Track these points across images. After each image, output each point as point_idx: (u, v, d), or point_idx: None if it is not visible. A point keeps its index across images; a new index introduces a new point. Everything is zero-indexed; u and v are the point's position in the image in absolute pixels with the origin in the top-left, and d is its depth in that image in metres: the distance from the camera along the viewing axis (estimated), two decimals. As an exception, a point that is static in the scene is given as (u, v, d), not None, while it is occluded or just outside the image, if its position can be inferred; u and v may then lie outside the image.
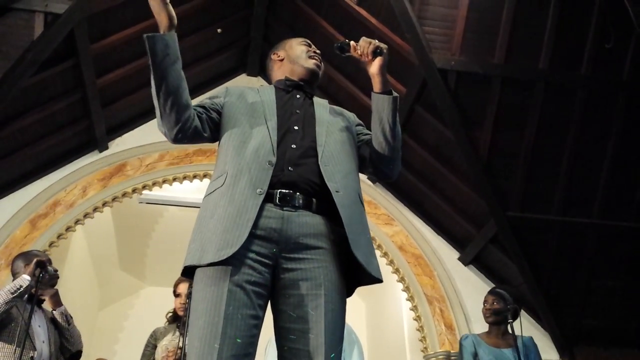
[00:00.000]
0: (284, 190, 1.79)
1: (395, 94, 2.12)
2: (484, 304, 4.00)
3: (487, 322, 3.94)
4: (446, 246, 6.17)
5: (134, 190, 6.00)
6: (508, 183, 5.22)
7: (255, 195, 1.76)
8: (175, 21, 1.87)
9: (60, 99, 5.34)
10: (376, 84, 2.14)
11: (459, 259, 6.10)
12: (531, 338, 3.88)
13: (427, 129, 5.56)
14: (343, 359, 3.67)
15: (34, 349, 3.42)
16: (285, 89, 2.17)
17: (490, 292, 4.05)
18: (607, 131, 5.02)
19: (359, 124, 2.29)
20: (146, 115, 6.30)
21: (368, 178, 6.42)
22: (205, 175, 6.19)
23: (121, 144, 6.15)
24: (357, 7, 5.31)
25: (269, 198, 1.77)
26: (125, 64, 5.61)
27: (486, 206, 5.32)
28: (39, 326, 3.56)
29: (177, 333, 3.68)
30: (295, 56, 2.26)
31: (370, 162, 2.14)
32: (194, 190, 6.62)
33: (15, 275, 3.60)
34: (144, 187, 6.04)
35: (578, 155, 5.08)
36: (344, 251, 1.81)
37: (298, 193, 1.81)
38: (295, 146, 1.91)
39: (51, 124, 5.47)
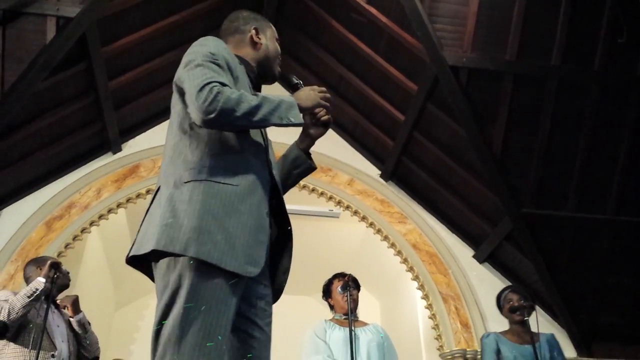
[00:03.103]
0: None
1: (314, 165, 2.14)
2: (507, 303, 3.94)
3: (514, 320, 3.88)
4: (461, 244, 6.15)
5: (147, 192, 6.03)
6: (522, 180, 5.19)
7: (265, 215, 1.77)
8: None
9: (73, 102, 5.38)
10: (306, 144, 2.10)
11: (474, 256, 6.07)
12: (553, 335, 3.86)
13: (439, 127, 5.54)
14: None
15: (55, 348, 3.47)
16: (254, 82, 2.07)
17: (513, 291, 4.00)
18: (621, 127, 4.97)
19: None
20: (158, 116, 6.34)
21: (381, 176, 6.41)
22: (218, 176, 6.20)
23: (134, 146, 6.19)
24: (367, 6, 5.30)
25: None
26: (137, 66, 5.65)
27: (500, 203, 5.29)
28: (57, 326, 3.61)
29: None
30: (272, 54, 2.20)
31: None
32: (206, 191, 6.63)
33: (28, 280, 3.64)
34: (157, 189, 6.07)
35: (592, 151, 5.03)
36: None
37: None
38: (275, 171, 1.94)
39: (64, 127, 5.52)
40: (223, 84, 1.72)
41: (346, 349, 3.54)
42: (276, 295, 1.92)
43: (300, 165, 2.10)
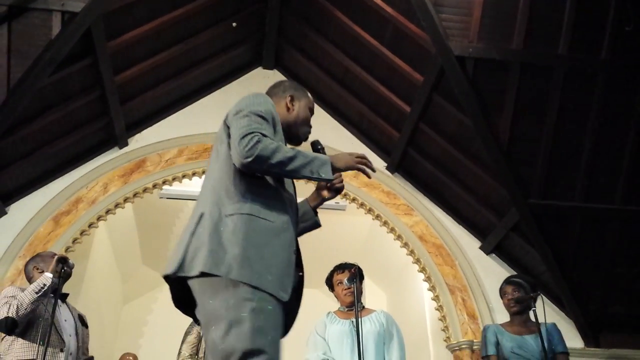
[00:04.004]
0: None
1: (319, 223, 2.40)
2: (503, 296, 3.97)
3: (511, 312, 3.91)
4: (467, 235, 6.14)
5: (154, 186, 6.05)
6: (529, 170, 5.17)
7: (293, 252, 2.03)
8: None
9: (79, 97, 5.39)
10: (316, 203, 2.36)
11: (481, 247, 6.06)
12: (554, 324, 3.86)
13: (445, 118, 5.52)
14: (383, 353, 3.70)
15: (63, 343, 3.48)
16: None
17: (508, 282, 4.01)
18: (629, 115, 4.94)
19: None
20: (164, 111, 6.35)
21: (387, 168, 6.40)
22: (224, 169, 6.21)
23: (140, 140, 6.20)
24: (372, -3, 5.28)
25: None
26: (143, 61, 5.65)
27: (507, 194, 5.28)
28: (65, 320, 3.62)
29: None
30: (300, 121, 2.38)
31: None
32: (213, 185, 6.65)
33: (30, 278, 3.64)
34: (164, 183, 6.09)
35: (599, 141, 5.01)
36: None
37: None
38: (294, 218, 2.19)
39: (71, 122, 5.53)
40: (264, 135, 1.99)
41: (342, 343, 3.66)
42: (284, 332, 2.05)
43: (307, 220, 2.36)
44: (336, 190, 2.29)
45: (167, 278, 2.00)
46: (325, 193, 2.31)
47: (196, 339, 3.83)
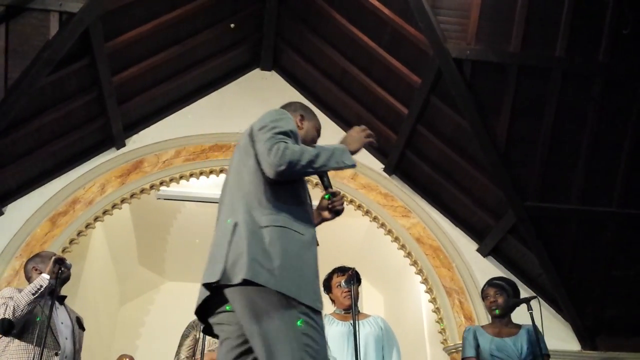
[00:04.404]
0: None
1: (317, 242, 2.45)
2: (485, 298, 3.96)
3: (492, 315, 3.91)
4: (464, 237, 6.14)
5: (151, 187, 6.04)
6: (526, 173, 5.17)
7: (317, 265, 2.13)
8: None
9: (77, 97, 5.38)
10: (316, 222, 2.39)
11: (478, 250, 6.06)
12: (535, 325, 3.83)
13: (442, 120, 5.52)
14: (382, 357, 3.71)
15: (58, 346, 3.46)
16: None
17: (490, 285, 3.99)
18: (626, 118, 4.94)
19: None
20: (162, 111, 6.35)
21: (384, 170, 6.40)
22: (221, 171, 6.21)
23: (138, 141, 6.19)
24: (370, -1, 5.29)
25: None
26: (140, 61, 5.64)
27: (504, 196, 5.28)
28: (62, 323, 3.60)
29: None
30: (308, 139, 2.52)
31: None
32: (210, 186, 6.64)
33: (29, 278, 3.63)
34: (161, 184, 6.09)
35: (597, 143, 5.01)
36: None
37: None
38: None
39: (68, 122, 5.52)
40: (287, 142, 2.12)
41: (343, 343, 3.66)
42: None
43: None
44: (336, 212, 2.41)
45: (205, 286, 2.05)
46: (326, 214, 2.41)
47: (192, 342, 3.82)
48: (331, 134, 6.57)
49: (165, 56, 5.79)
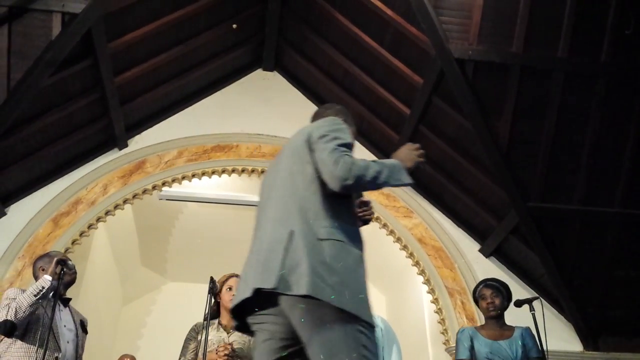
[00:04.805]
0: None
1: None
2: (481, 298, 3.94)
3: (488, 316, 3.88)
4: (467, 238, 6.13)
5: (154, 187, 6.05)
6: (528, 173, 5.16)
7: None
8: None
9: (79, 98, 5.39)
10: None
11: (480, 250, 6.06)
12: (528, 328, 3.82)
13: (445, 120, 5.52)
14: (382, 358, 3.70)
15: (59, 349, 3.43)
16: None
17: (486, 286, 3.96)
18: (629, 119, 4.94)
19: None
20: (164, 112, 6.35)
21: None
22: (223, 171, 6.21)
23: (140, 142, 6.20)
24: (372, -1, 5.29)
25: None
26: (143, 62, 5.65)
27: (506, 197, 5.27)
28: (65, 326, 3.57)
29: (220, 329, 3.68)
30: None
31: None
32: (212, 186, 6.65)
33: (36, 277, 3.61)
34: (163, 184, 6.09)
35: (599, 144, 5.00)
36: None
37: None
38: None
39: (71, 123, 5.53)
40: (351, 155, 2.13)
41: None
42: None
43: None
44: (365, 222, 2.42)
45: (257, 290, 2.03)
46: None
47: (196, 345, 3.82)
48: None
49: (168, 57, 5.79)
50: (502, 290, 3.92)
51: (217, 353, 3.46)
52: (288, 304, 1.97)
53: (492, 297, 3.87)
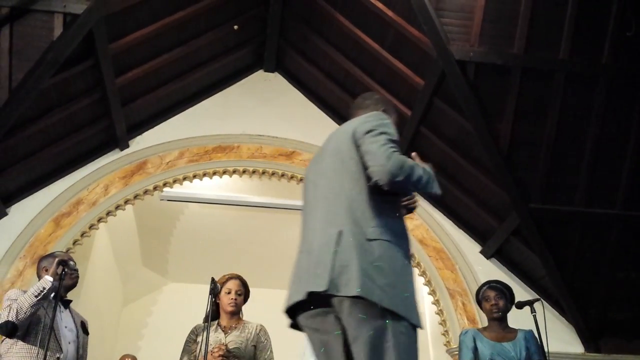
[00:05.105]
0: None
1: None
2: (485, 300, 3.93)
3: (492, 317, 3.87)
4: (468, 239, 6.13)
5: (155, 188, 6.05)
6: (530, 174, 5.16)
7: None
8: None
9: (81, 98, 5.40)
10: None
11: (481, 252, 6.05)
12: (531, 331, 3.81)
13: (446, 122, 5.52)
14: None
15: (60, 350, 3.42)
16: None
17: (490, 287, 3.96)
18: (630, 120, 4.94)
19: None
20: (166, 113, 6.36)
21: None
22: (224, 172, 6.21)
23: (142, 142, 6.20)
24: (373, 0, 5.28)
25: None
26: (144, 63, 5.66)
27: (508, 198, 5.27)
28: (66, 327, 3.56)
29: (219, 329, 3.69)
30: None
31: None
32: (214, 187, 6.65)
33: (39, 277, 3.61)
34: (164, 185, 6.09)
35: (600, 145, 5.00)
36: None
37: None
38: None
39: (72, 123, 5.53)
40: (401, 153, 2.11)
41: None
42: None
43: None
44: (410, 210, 2.39)
45: (309, 294, 2.05)
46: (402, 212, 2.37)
47: (196, 347, 3.82)
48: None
49: (169, 57, 5.80)
50: (505, 292, 3.91)
51: (212, 354, 3.47)
52: (339, 304, 1.99)
53: (496, 299, 3.86)
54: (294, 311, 2.14)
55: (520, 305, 3.86)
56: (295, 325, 2.19)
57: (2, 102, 4.58)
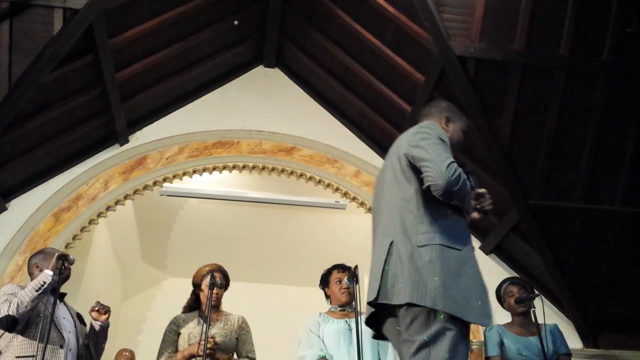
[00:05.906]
0: None
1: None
2: (508, 296, 3.94)
3: (517, 312, 3.88)
4: (467, 235, 6.12)
5: (154, 183, 6.05)
6: (529, 171, 5.16)
7: (482, 277, 2.18)
8: None
9: (81, 93, 5.39)
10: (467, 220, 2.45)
11: (481, 247, 6.05)
12: (556, 325, 3.85)
13: (446, 118, 5.51)
14: (378, 356, 3.71)
15: (62, 338, 3.49)
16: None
17: (513, 283, 4.00)
18: (630, 117, 4.94)
19: None
20: (165, 108, 6.35)
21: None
22: (224, 168, 6.22)
23: (141, 138, 6.20)
24: (374, -4, 5.28)
25: None
26: (144, 58, 5.65)
27: (507, 194, 5.27)
28: (64, 318, 3.63)
29: (201, 321, 3.73)
30: (454, 142, 2.49)
31: None
32: (213, 183, 6.66)
33: (30, 274, 3.64)
34: (164, 180, 6.09)
35: (600, 142, 5.00)
36: None
37: None
38: None
39: (72, 118, 5.53)
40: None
41: (340, 340, 3.65)
42: None
43: None
44: (485, 212, 2.43)
45: (369, 303, 2.16)
46: (475, 215, 2.43)
47: (175, 337, 3.91)
48: (333, 130, 6.60)
49: (169, 53, 5.79)
50: (527, 287, 3.94)
51: (199, 346, 3.54)
52: (398, 313, 2.09)
53: (520, 294, 3.88)
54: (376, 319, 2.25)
55: (520, 301, 3.87)
56: (379, 336, 2.31)
57: (2, 97, 4.58)
